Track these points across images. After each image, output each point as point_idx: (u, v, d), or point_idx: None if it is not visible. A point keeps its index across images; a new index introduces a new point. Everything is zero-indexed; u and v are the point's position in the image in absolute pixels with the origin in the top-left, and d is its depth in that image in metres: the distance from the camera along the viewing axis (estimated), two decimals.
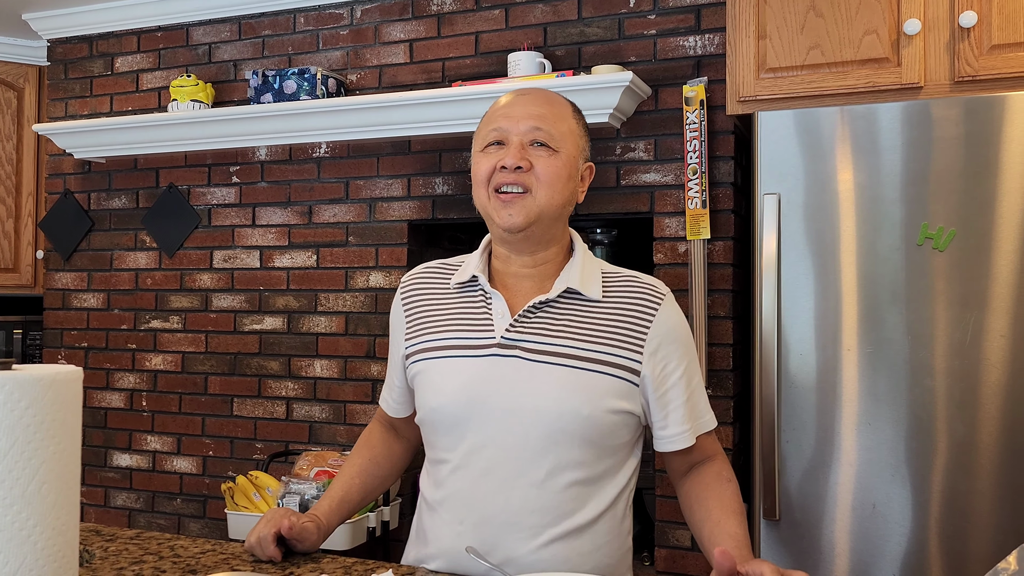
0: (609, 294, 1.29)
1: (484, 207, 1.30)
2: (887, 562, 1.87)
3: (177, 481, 3.06)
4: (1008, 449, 1.80)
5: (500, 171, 1.25)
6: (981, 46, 1.93)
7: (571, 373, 1.23)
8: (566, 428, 1.21)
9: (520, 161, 1.24)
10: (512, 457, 1.23)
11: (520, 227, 1.25)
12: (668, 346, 1.28)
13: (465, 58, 2.72)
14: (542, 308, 1.27)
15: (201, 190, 3.07)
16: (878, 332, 1.90)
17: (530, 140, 1.26)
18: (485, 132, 1.31)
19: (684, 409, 1.29)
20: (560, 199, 1.27)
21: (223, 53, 3.07)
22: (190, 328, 3.07)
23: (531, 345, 1.25)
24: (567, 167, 1.27)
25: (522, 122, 1.26)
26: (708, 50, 2.43)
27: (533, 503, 1.22)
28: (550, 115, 1.28)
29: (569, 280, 1.28)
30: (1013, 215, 1.81)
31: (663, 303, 1.30)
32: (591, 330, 1.26)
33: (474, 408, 1.25)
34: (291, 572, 1.25)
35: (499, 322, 1.27)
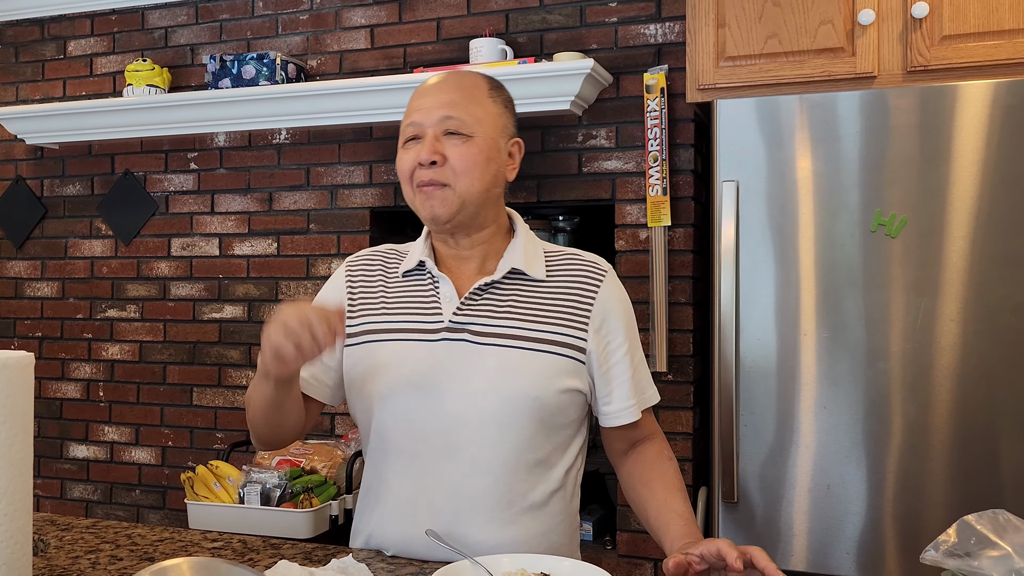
0: (552, 273, 1.31)
1: (411, 202, 1.31)
2: (843, 541, 1.92)
3: (135, 472, 3.02)
4: (958, 430, 1.85)
5: (418, 167, 1.26)
6: (932, 37, 1.97)
7: (519, 354, 1.24)
8: (516, 409, 1.23)
9: (433, 155, 1.24)
10: (464, 441, 1.24)
11: (444, 219, 1.27)
12: (612, 322, 1.30)
13: (427, 44, 2.71)
14: (488, 289, 1.29)
15: (158, 176, 3.03)
16: (835, 317, 1.94)
17: (443, 130, 1.26)
18: (403, 127, 1.31)
19: (629, 384, 1.31)
20: (480, 185, 1.27)
21: (180, 37, 3.02)
22: (148, 317, 3.02)
23: (479, 328, 1.26)
24: (484, 151, 1.26)
25: (434, 112, 1.26)
26: (669, 38, 2.44)
27: (487, 486, 1.24)
28: (461, 100, 1.27)
29: (513, 261, 1.29)
30: (964, 202, 1.86)
31: (605, 279, 1.32)
32: (537, 310, 1.27)
33: (425, 393, 1.25)
34: (251, 558, 1.25)
35: (447, 305, 1.28)
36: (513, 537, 1.24)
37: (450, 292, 1.29)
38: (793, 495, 1.96)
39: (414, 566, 1.23)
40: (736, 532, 1.99)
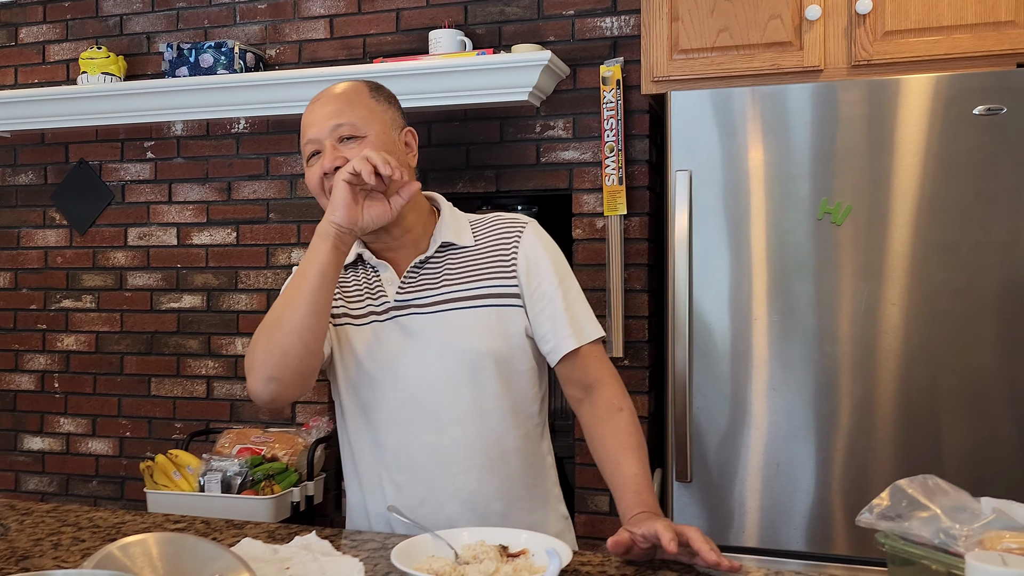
0: (479, 238, 1.40)
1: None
2: (793, 517, 1.99)
3: (92, 463, 2.99)
4: (901, 409, 1.93)
5: (325, 177, 1.33)
6: (876, 32, 2.05)
7: (463, 314, 1.34)
8: (472, 364, 1.33)
9: (335, 162, 1.31)
10: (431, 402, 1.33)
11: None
12: (537, 264, 1.37)
13: (386, 35, 2.72)
14: (423, 266, 1.38)
15: (114, 166, 3.00)
16: (785, 302, 2.00)
17: (337, 138, 1.33)
18: (303, 147, 1.38)
19: (565, 317, 1.36)
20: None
21: (135, 25, 2.99)
22: (104, 307, 2.99)
23: (422, 300, 1.35)
24: (378, 147, 1.32)
25: (324, 124, 1.33)
26: (624, 31, 2.49)
27: (458, 437, 1.33)
28: (345, 107, 1.34)
29: (442, 235, 1.38)
30: (906, 191, 1.93)
31: (526, 229, 1.40)
32: (470, 271, 1.37)
33: (387, 368, 1.34)
34: (214, 538, 1.27)
35: (389, 288, 1.37)
36: (490, 481, 1.34)
37: (390, 276, 1.38)
38: (745, 474, 2.02)
39: (376, 542, 1.26)
40: (691, 511, 2.05)
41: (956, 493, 0.97)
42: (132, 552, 0.96)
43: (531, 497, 1.40)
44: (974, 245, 1.89)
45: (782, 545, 1.99)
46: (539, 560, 1.10)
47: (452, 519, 1.32)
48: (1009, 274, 1.87)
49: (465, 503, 1.34)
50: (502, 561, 1.09)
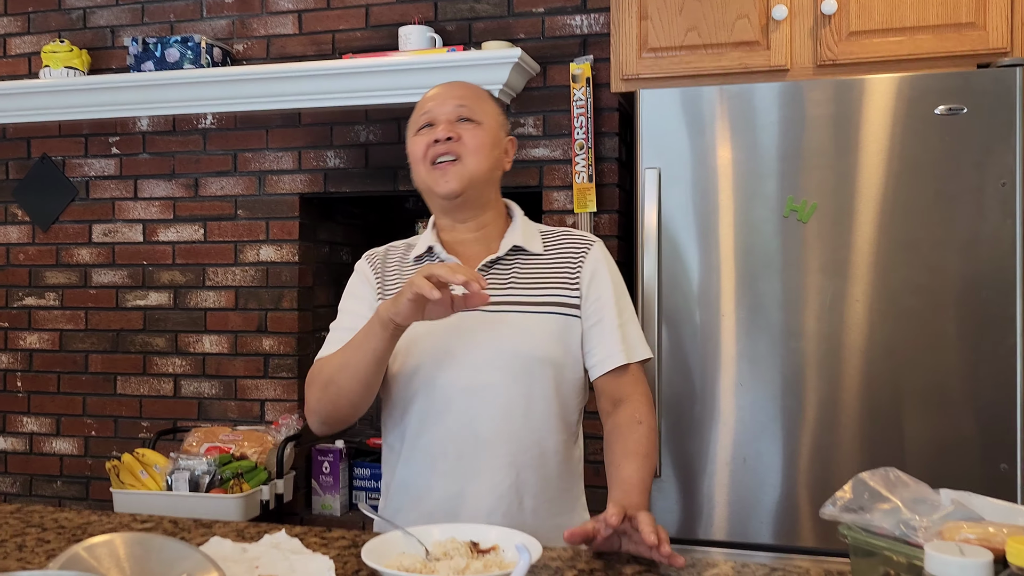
0: (548, 247, 1.48)
1: (424, 181, 1.45)
2: (760, 511, 2.01)
3: (57, 463, 2.95)
4: (865, 404, 1.96)
5: (433, 145, 1.41)
6: (841, 32, 2.08)
7: (525, 318, 1.40)
8: (527, 367, 1.38)
9: (450, 132, 1.40)
10: (486, 397, 1.38)
11: (456, 192, 1.41)
12: (599, 280, 1.45)
13: (355, 31, 2.71)
14: (493, 266, 1.44)
15: (78, 161, 2.95)
16: (752, 299, 2.03)
17: (456, 117, 1.43)
18: (416, 118, 1.46)
19: (617, 333, 1.43)
20: (487, 163, 1.43)
21: (99, 18, 2.95)
22: (68, 305, 2.95)
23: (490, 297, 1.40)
24: (490, 136, 1.44)
25: (448, 103, 1.43)
26: (594, 29, 2.50)
27: (507, 433, 1.39)
28: (472, 95, 1.45)
29: (513, 239, 1.45)
30: (870, 190, 1.97)
31: (594, 246, 1.49)
32: (537, 278, 1.43)
33: (449, 360, 1.39)
34: (182, 537, 1.26)
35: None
36: (528, 478, 1.40)
37: None
38: (713, 469, 2.05)
39: (346, 539, 1.26)
40: (660, 505, 2.07)
41: (916, 485, 1.00)
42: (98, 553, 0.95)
43: (562, 500, 1.45)
44: (935, 243, 1.93)
45: (750, 538, 2.02)
46: (509, 556, 1.10)
47: (487, 511, 1.38)
48: (968, 272, 1.91)
49: (502, 497, 1.39)
50: (472, 557, 1.10)
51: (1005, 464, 1.89)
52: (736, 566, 1.16)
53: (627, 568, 1.15)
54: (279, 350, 2.75)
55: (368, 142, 2.69)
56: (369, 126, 2.69)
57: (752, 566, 1.17)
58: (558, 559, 1.18)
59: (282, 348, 2.75)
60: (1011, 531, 0.87)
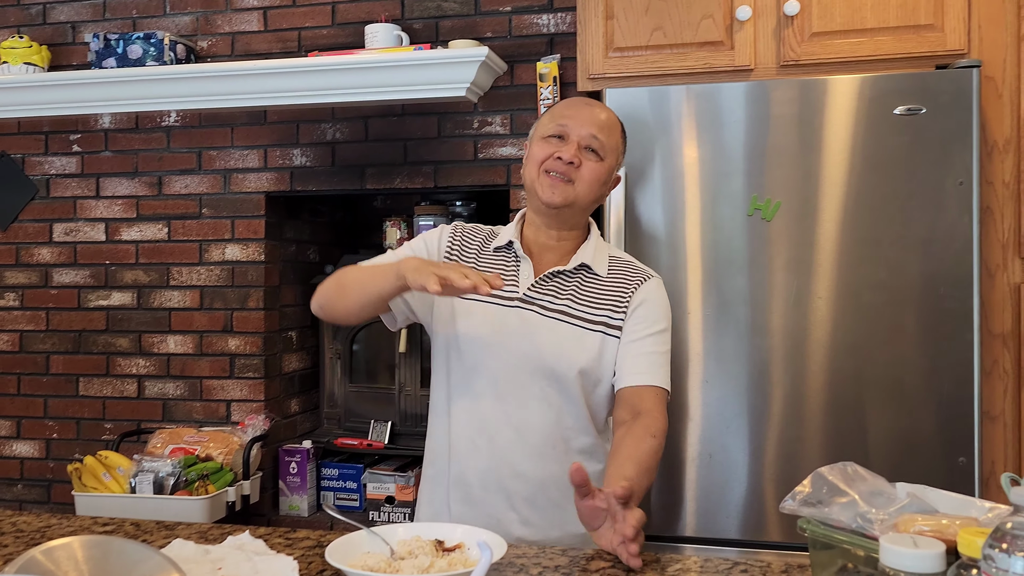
0: (612, 271, 1.56)
1: (532, 181, 1.53)
2: (727, 506, 2.03)
3: (17, 466, 2.90)
4: (829, 399, 1.99)
5: (555, 159, 1.49)
6: (803, 33, 2.11)
7: (574, 330, 1.49)
8: (565, 373, 1.48)
9: (575, 158, 1.48)
10: (522, 391, 1.48)
11: (557, 205, 1.50)
12: (646, 309, 1.52)
13: (321, 28, 2.69)
14: (557, 275, 1.53)
15: (38, 159, 2.90)
16: (718, 296, 2.05)
17: (586, 144, 1.50)
18: (550, 125, 1.52)
19: (649, 359, 1.49)
20: (593, 196, 1.53)
21: (59, 14, 2.90)
22: (28, 305, 2.90)
23: (547, 303, 1.51)
24: (606, 173, 1.53)
25: (585, 126, 1.50)
26: (560, 28, 2.51)
27: (540, 427, 1.48)
28: (607, 127, 1.53)
29: (584, 257, 1.54)
30: (832, 189, 2.00)
31: (651, 279, 1.57)
32: (595, 297, 1.52)
33: (497, 344, 1.49)
34: (144, 538, 1.25)
35: (523, 281, 1.53)
36: (555, 470, 1.47)
37: (528, 271, 1.54)
38: (680, 465, 2.06)
39: (311, 540, 1.25)
40: None
41: (873, 479, 1.01)
42: (57, 556, 0.93)
43: None
44: (894, 240, 1.96)
45: (718, 534, 2.04)
46: (474, 554, 1.11)
47: (509, 492, 1.48)
48: (927, 269, 1.95)
49: (528, 483, 1.48)
50: (437, 555, 1.10)
51: (963, 458, 1.93)
52: (700, 561, 1.17)
53: (592, 564, 1.15)
54: (245, 350, 2.73)
55: (335, 140, 2.68)
56: (336, 124, 2.67)
57: (715, 561, 1.18)
58: (524, 556, 1.18)
59: (248, 348, 2.73)
60: (963, 523, 0.89)
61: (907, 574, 0.80)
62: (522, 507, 1.48)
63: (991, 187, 2.05)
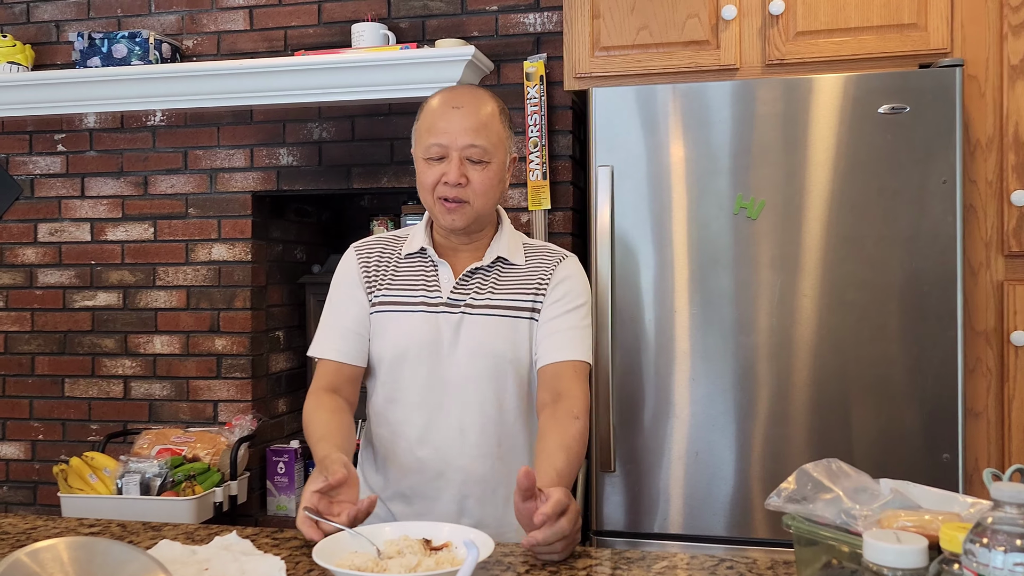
0: (529, 259, 1.56)
1: (431, 208, 1.52)
2: (713, 503, 2.04)
3: (3, 468, 2.88)
4: (813, 397, 2.00)
5: (443, 185, 1.47)
6: (788, 32, 2.12)
7: (504, 321, 1.49)
8: (498, 365, 1.48)
9: (459, 179, 1.46)
10: (462, 391, 1.48)
11: (460, 228, 1.51)
12: (564, 287, 1.53)
13: (308, 27, 2.68)
14: (476, 272, 1.53)
15: (22, 159, 2.88)
16: (705, 294, 2.06)
17: (467, 156, 1.47)
18: (426, 143, 1.49)
19: (566, 335, 1.49)
20: (493, 201, 1.52)
21: (43, 13, 2.88)
22: (13, 306, 2.88)
23: (471, 301, 1.50)
24: (498, 174, 1.51)
25: (459, 138, 1.46)
26: (547, 28, 2.51)
27: (481, 426, 1.48)
28: (483, 129, 1.48)
29: (498, 250, 1.54)
30: (817, 187, 2.01)
31: (567, 258, 1.58)
32: (517, 286, 1.52)
33: (433, 351, 1.48)
34: (131, 540, 1.24)
35: (445, 285, 1.52)
36: (501, 469, 1.49)
37: (448, 274, 1.53)
38: (667, 463, 2.07)
39: (298, 540, 1.25)
40: (614, 500, 2.09)
41: (858, 475, 1.02)
42: (42, 558, 0.93)
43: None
44: (878, 239, 1.97)
45: (705, 531, 2.05)
46: (461, 553, 1.11)
47: (461, 496, 1.48)
48: (909, 267, 1.96)
49: (477, 484, 1.48)
50: (425, 554, 1.10)
51: (947, 454, 1.95)
52: (687, 558, 1.18)
53: (579, 563, 1.16)
54: (232, 350, 2.72)
55: (321, 140, 2.67)
56: (322, 123, 2.67)
57: (701, 558, 1.19)
58: (511, 555, 1.18)
59: (235, 348, 2.72)
60: (946, 518, 0.89)
61: (890, 570, 0.81)
62: (474, 509, 1.48)
63: (974, 185, 2.06)
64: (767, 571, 1.12)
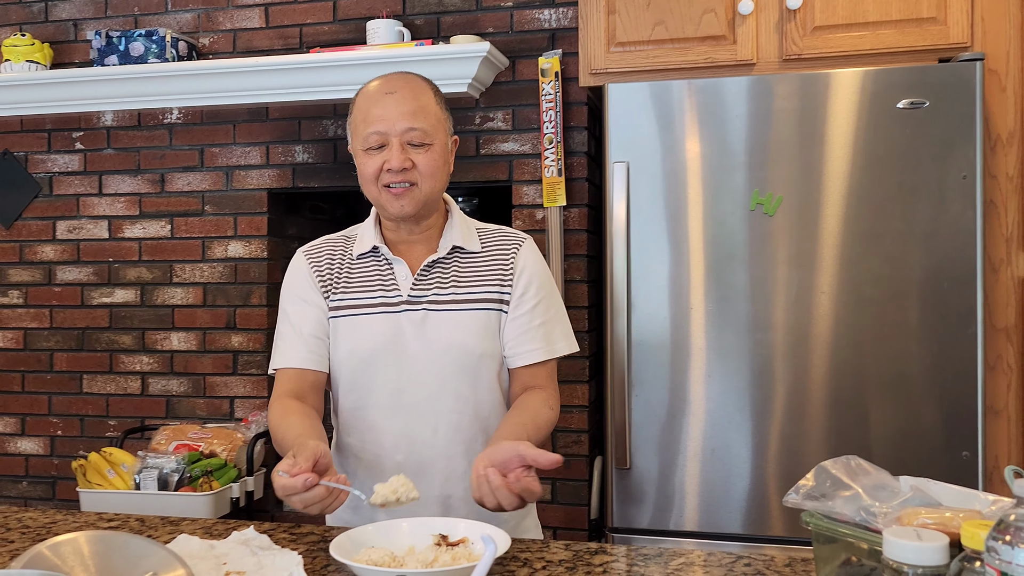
0: (485, 245, 1.51)
1: (376, 199, 1.46)
2: (731, 501, 2.03)
3: (22, 463, 2.91)
4: (831, 394, 1.99)
5: (386, 172, 1.42)
6: (805, 27, 2.10)
7: (467, 315, 1.45)
8: (470, 359, 1.44)
9: (404, 163, 1.41)
10: (432, 392, 1.43)
11: (411, 214, 1.45)
12: (526, 276, 1.49)
13: (323, 24, 2.69)
14: (434, 265, 1.48)
15: (41, 157, 2.90)
16: (721, 291, 2.05)
17: (408, 140, 1.42)
18: (364, 134, 1.43)
19: (540, 331, 1.47)
20: (440, 184, 1.47)
21: (61, 12, 2.90)
22: (32, 303, 2.90)
23: (433, 297, 1.45)
24: (442, 155, 1.46)
25: (397, 123, 1.41)
26: (562, 23, 2.51)
27: (455, 423, 1.44)
28: (420, 111, 1.43)
29: (453, 239, 1.49)
30: (835, 183, 1.99)
31: (524, 244, 1.53)
32: (476, 276, 1.48)
33: (399, 352, 1.43)
34: (149, 534, 1.25)
35: (403, 283, 1.47)
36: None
37: (404, 271, 1.47)
38: (683, 460, 2.07)
39: (315, 535, 1.25)
40: (630, 497, 2.09)
41: (877, 472, 1.01)
42: (63, 551, 0.94)
43: None
44: (897, 235, 1.96)
45: (721, 528, 2.04)
46: (478, 548, 1.11)
47: (444, 495, 1.43)
48: (929, 263, 1.95)
49: (459, 483, 1.43)
50: (442, 550, 1.10)
51: (967, 452, 1.93)
52: (703, 555, 1.18)
53: (596, 558, 1.16)
54: (248, 347, 2.73)
55: (336, 136, 2.68)
56: (337, 120, 2.67)
57: (718, 555, 1.18)
58: (528, 550, 1.18)
59: (251, 345, 2.73)
60: (967, 516, 0.89)
61: (911, 567, 0.80)
62: (459, 506, 1.43)
63: (995, 181, 2.04)
64: (784, 568, 1.11)
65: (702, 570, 1.12)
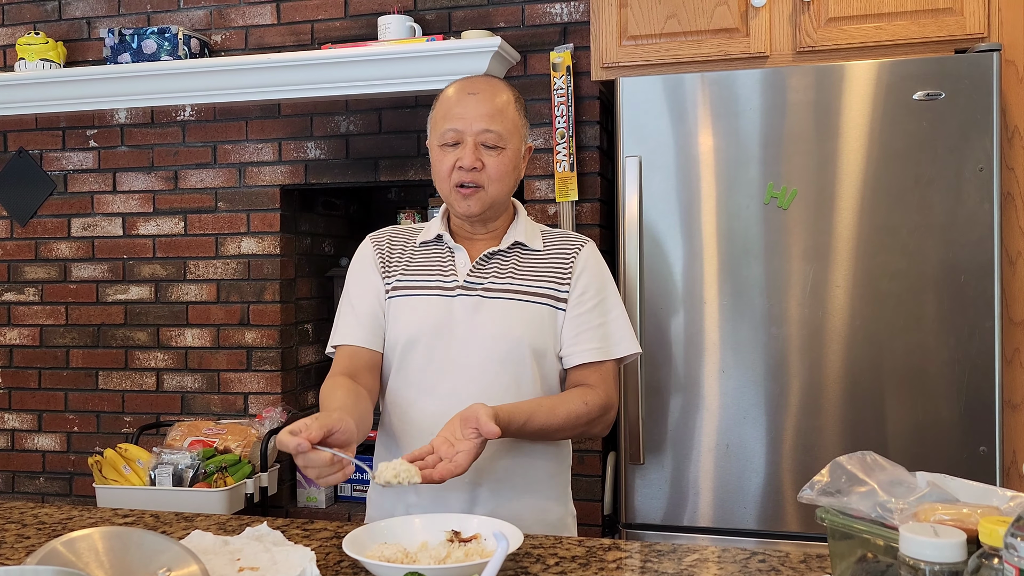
0: (547, 245, 1.56)
1: (447, 196, 1.52)
2: (745, 497, 2.02)
3: (39, 459, 2.93)
4: (846, 389, 1.98)
5: (458, 170, 1.47)
6: (819, 19, 2.08)
7: (519, 305, 1.48)
8: (516, 349, 1.46)
9: (475, 163, 1.46)
10: (477, 375, 1.45)
11: (476, 214, 1.50)
12: (586, 277, 1.52)
13: (334, 20, 2.69)
14: (493, 257, 1.52)
15: (55, 155, 2.92)
16: (735, 285, 2.03)
17: (482, 141, 1.47)
18: (441, 129, 1.49)
19: (598, 332, 1.50)
20: (508, 188, 1.51)
21: (74, 10, 2.91)
22: (48, 300, 2.92)
23: (488, 285, 1.49)
24: (512, 160, 1.50)
25: (474, 123, 1.46)
26: (574, 17, 2.50)
27: None
28: (498, 115, 1.48)
29: (515, 235, 1.53)
30: (850, 176, 1.98)
31: (586, 246, 1.56)
32: (534, 271, 1.51)
33: (447, 335, 1.47)
34: (163, 530, 1.26)
35: (461, 269, 1.51)
36: (515, 459, 1.46)
37: (464, 259, 1.52)
38: (698, 456, 2.06)
39: (328, 531, 1.26)
40: (644, 492, 2.08)
41: (893, 468, 1.00)
42: (78, 547, 0.94)
43: (552, 484, 1.52)
44: (913, 228, 1.94)
45: (735, 524, 2.03)
46: (491, 544, 1.11)
47: (474, 486, 1.43)
48: (946, 256, 1.93)
49: (490, 474, 1.43)
50: (454, 546, 1.10)
51: (984, 447, 1.91)
52: (718, 551, 1.17)
53: (609, 554, 1.15)
54: (262, 343, 2.74)
55: (349, 133, 2.68)
56: (350, 116, 2.67)
57: (733, 551, 1.17)
58: (540, 546, 1.18)
59: (265, 341, 2.74)
60: (984, 512, 0.88)
61: (928, 563, 0.79)
62: (488, 500, 1.43)
63: (1012, 173, 2.02)
64: (800, 564, 1.10)
65: (716, 566, 1.12)
